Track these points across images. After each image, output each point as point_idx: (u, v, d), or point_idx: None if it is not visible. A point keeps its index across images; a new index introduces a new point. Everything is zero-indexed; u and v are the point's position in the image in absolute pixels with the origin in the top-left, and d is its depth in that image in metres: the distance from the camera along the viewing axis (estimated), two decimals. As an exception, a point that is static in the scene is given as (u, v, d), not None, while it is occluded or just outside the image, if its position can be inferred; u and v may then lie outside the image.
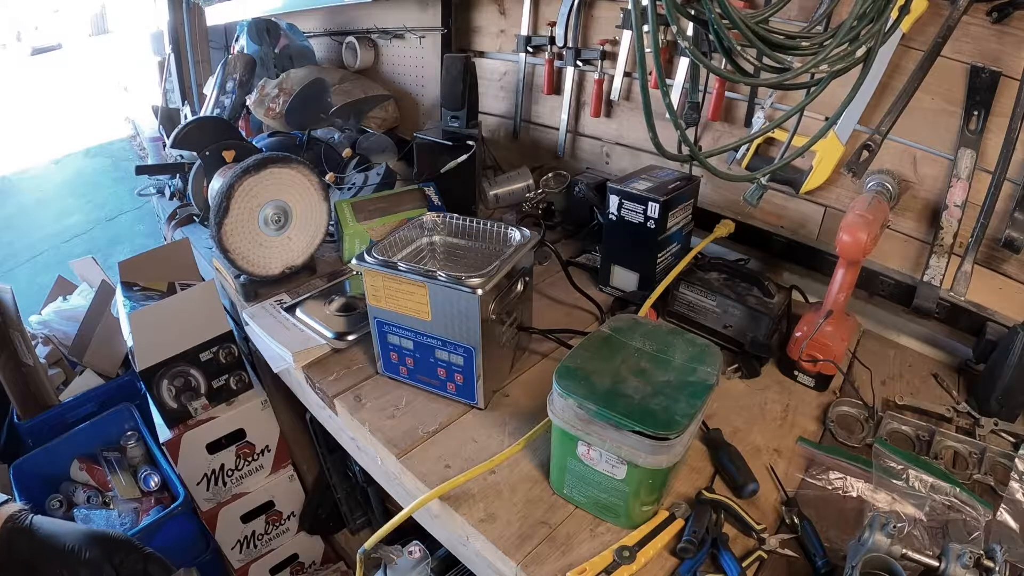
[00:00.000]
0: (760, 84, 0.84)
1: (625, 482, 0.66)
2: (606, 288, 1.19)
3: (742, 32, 0.70)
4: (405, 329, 0.85)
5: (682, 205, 1.10)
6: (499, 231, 0.93)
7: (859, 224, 0.83)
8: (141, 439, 1.50)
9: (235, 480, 1.33)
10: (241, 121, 1.84)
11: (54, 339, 1.74)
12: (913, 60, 0.94)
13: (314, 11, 2.10)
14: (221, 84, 1.79)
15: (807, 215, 1.16)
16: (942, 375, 0.98)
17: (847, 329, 0.96)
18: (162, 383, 1.16)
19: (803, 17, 1.02)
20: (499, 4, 1.58)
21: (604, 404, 0.63)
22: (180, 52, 2.12)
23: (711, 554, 0.67)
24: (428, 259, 0.98)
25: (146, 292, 1.43)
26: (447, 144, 1.35)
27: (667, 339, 0.74)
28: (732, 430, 0.85)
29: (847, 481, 0.76)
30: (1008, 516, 0.71)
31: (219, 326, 1.19)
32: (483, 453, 0.79)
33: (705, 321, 1.05)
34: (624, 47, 1.30)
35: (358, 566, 0.80)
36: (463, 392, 0.87)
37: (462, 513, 0.71)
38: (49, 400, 1.54)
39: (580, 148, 1.53)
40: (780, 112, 1.11)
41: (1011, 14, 0.84)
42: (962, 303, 0.98)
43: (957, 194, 0.94)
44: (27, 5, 7.74)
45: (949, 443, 0.83)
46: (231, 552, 1.40)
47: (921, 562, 0.59)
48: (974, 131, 0.92)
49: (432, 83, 1.80)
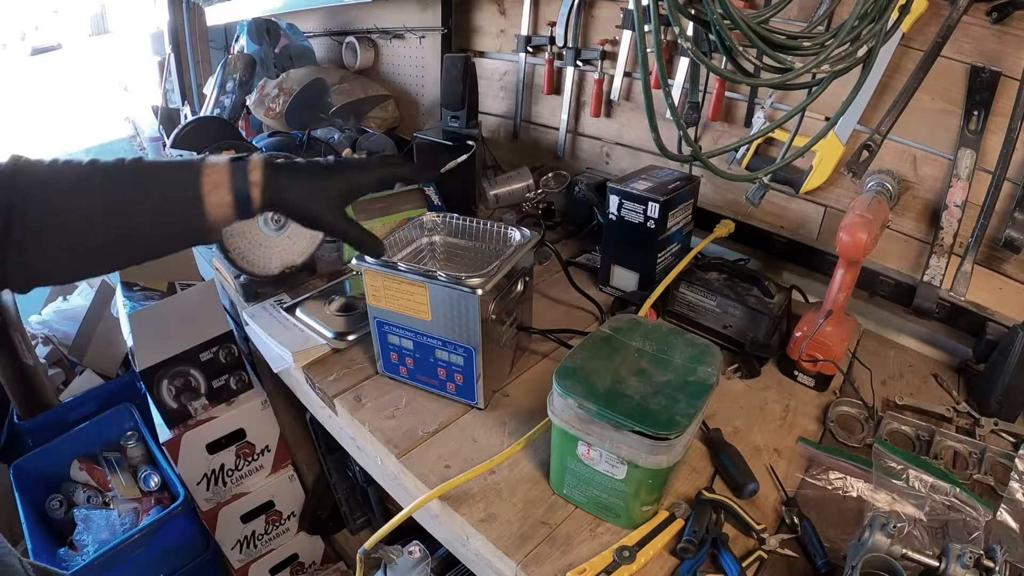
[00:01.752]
0: (761, 84, 0.84)
1: (625, 482, 0.66)
2: (606, 288, 1.19)
3: (743, 32, 0.70)
4: (405, 329, 0.85)
5: (682, 205, 1.10)
6: (499, 231, 0.93)
7: (859, 224, 0.83)
8: (141, 439, 1.50)
9: (235, 480, 1.33)
10: (241, 121, 1.85)
11: (54, 339, 1.74)
12: (913, 60, 0.94)
13: (314, 11, 2.10)
14: (221, 84, 1.79)
15: (807, 215, 1.16)
16: (942, 375, 0.98)
17: (847, 329, 0.96)
18: (162, 383, 1.16)
19: (804, 17, 1.02)
20: (499, 4, 1.58)
21: (604, 404, 0.63)
22: (180, 52, 2.12)
23: (711, 554, 0.67)
24: (428, 259, 0.98)
25: (146, 292, 1.43)
26: (447, 144, 1.35)
27: (667, 339, 0.74)
28: (732, 430, 0.85)
29: (847, 481, 0.76)
30: (1008, 516, 0.71)
31: (219, 326, 1.19)
32: (483, 453, 0.79)
33: (705, 321, 1.05)
34: (624, 47, 1.30)
35: (358, 566, 0.80)
36: (463, 392, 0.87)
37: (462, 513, 0.71)
38: (49, 400, 1.55)
39: (580, 148, 1.53)
40: (780, 112, 1.11)
41: (1011, 14, 0.84)
42: (962, 303, 0.98)
43: (957, 194, 0.94)
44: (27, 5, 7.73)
45: (949, 443, 0.83)
46: (231, 552, 1.40)
47: (921, 562, 0.59)
48: (974, 131, 0.91)
49: (432, 83, 1.80)
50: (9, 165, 0.57)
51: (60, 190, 0.57)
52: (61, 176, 0.58)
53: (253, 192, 0.63)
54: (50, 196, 0.57)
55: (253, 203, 0.63)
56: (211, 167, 0.62)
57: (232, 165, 0.62)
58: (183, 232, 0.63)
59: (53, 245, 0.57)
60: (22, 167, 0.57)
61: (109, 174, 0.60)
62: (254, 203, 0.63)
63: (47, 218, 0.57)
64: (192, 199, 0.61)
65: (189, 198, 0.61)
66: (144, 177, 0.61)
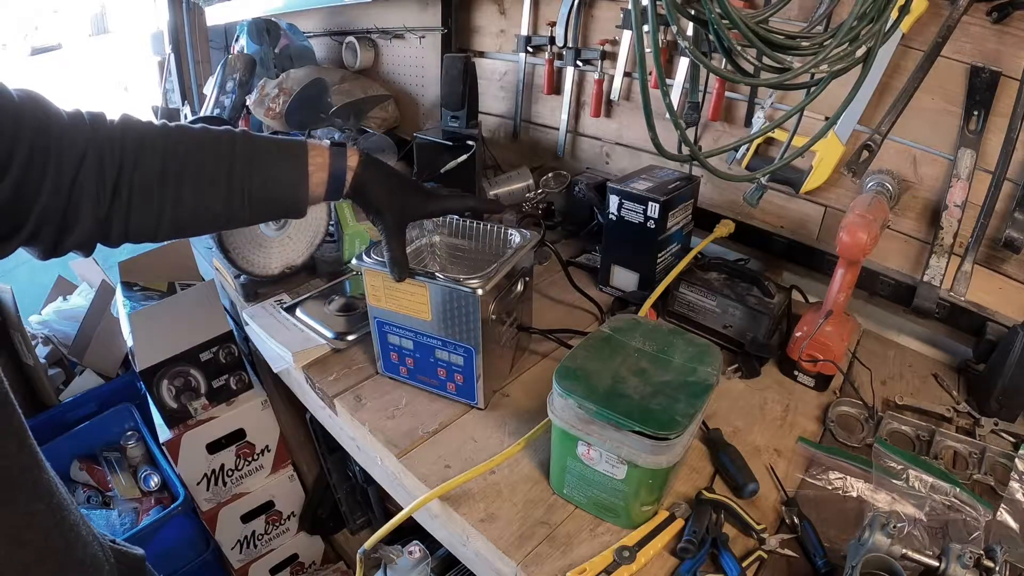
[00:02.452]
0: (760, 84, 0.84)
1: (625, 482, 0.66)
2: (606, 288, 1.19)
3: (742, 32, 0.70)
4: (405, 329, 0.85)
5: (682, 205, 1.10)
6: (499, 232, 0.93)
7: (859, 224, 0.83)
8: (141, 439, 1.50)
9: (235, 480, 1.33)
10: (241, 121, 1.84)
11: (54, 339, 1.74)
12: (913, 60, 0.94)
13: (314, 11, 2.10)
14: (221, 84, 1.79)
15: (807, 215, 1.16)
16: (942, 375, 0.98)
17: (847, 329, 0.96)
18: (162, 383, 1.16)
19: (803, 17, 1.02)
20: (499, 4, 1.58)
21: (604, 404, 0.63)
22: (180, 52, 2.12)
23: (711, 554, 0.67)
24: (428, 259, 0.98)
25: (146, 292, 1.43)
26: (447, 144, 1.35)
27: (667, 339, 0.74)
28: (732, 430, 0.85)
29: (847, 481, 0.76)
30: (1008, 516, 0.71)
31: (219, 326, 1.19)
32: (483, 453, 0.79)
33: (705, 321, 1.05)
34: (624, 47, 1.30)
35: (358, 566, 0.80)
36: (463, 392, 0.87)
37: (462, 513, 0.71)
38: (49, 400, 1.55)
39: (580, 148, 1.53)
40: (780, 112, 1.11)
41: (1011, 14, 0.84)
42: (962, 303, 0.98)
43: (957, 194, 0.94)
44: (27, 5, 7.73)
45: (949, 443, 0.83)
46: (231, 552, 1.40)
47: (921, 562, 0.59)
48: (974, 131, 0.91)
49: (432, 83, 1.80)
50: (119, 125, 0.59)
51: (168, 152, 0.60)
52: (171, 139, 0.61)
53: (348, 176, 0.69)
54: (159, 158, 0.59)
55: (345, 186, 0.69)
56: (316, 148, 0.68)
57: (334, 149, 0.68)
58: (284, 205, 0.68)
59: (156, 205, 0.60)
60: (132, 127, 0.59)
61: (221, 144, 0.63)
62: (346, 186, 0.69)
63: (154, 180, 0.59)
64: (299, 175, 0.67)
65: (296, 174, 0.67)
66: (256, 150, 0.65)
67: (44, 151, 0.52)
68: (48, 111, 0.54)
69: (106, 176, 0.56)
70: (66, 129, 0.54)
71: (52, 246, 0.57)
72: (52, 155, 0.53)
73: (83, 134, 0.55)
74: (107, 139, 0.57)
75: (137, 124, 0.60)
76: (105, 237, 0.60)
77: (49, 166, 0.53)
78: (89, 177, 0.55)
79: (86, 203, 0.56)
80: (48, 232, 0.56)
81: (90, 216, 0.57)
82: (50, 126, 0.53)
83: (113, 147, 0.57)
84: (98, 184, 0.56)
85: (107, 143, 0.57)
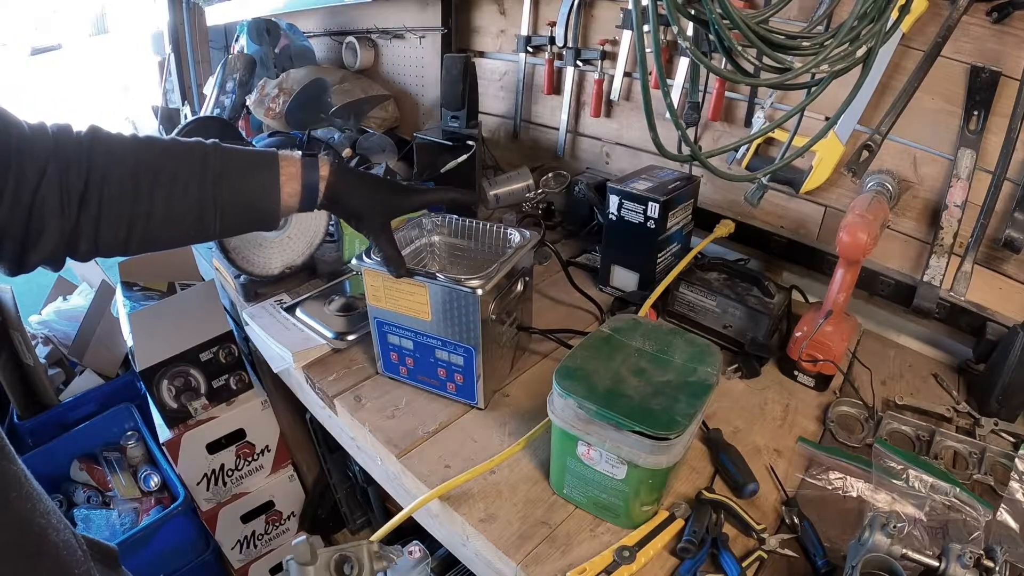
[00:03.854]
0: (760, 84, 0.84)
1: (625, 482, 0.66)
2: (606, 288, 1.19)
3: (743, 32, 0.70)
4: (405, 329, 0.85)
5: (682, 205, 1.10)
6: (499, 231, 0.93)
7: (859, 224, 0.83)
8: (141, 439, 1.50)
9: (235, 480, 1.33)
10: (241, 121, 1.85)
11: (54, 339, 1.74)
12: (913, 60, 0.94)
13: (314, 11, 2.10)
14: (221, 84, 1.79)
15: (807, 215, 1.16)
16: (942, 375, 0.98)
17: (847, 329, 0.96)
18: (162, 383, 1.16)
19: (803, 17, 1.02)
20: (499, 4, 1.58)
21: (604, 404, 0.63)
22: (180, 52, 2.12)
23: (711, 554, 0.67)
24: (428, 259, 0.98)
25: (146, 292, 1.43)
26: (447, 144, 1.35)
27: (667, 339, 0.74)
28: (732, 430, 0.85)
29: (847, 481, 0.76)
30: (1008, 516, 0.71)
31: (219, 326, 1.19)
32: (483, 453, 0.79)
33: (705, 321, 1.05)
34: (624, 47, 1.30)
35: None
36: (463, 392, 0.87)
37: (462, 513, 0.71)
38: (49, 400, 1.54)
39: (580, 148, 1.53)
40: (780, 112, 1.11)
41: (1011, 14, 0.84)
42: (962, 303, 0.98)
43: (957, 194, 0.94)
44: (27, 5, 7.73)
45: (949, 443, 0.83)
46: (231, 552, 1.39)
47: (921, 562, 0.59)
48: (974, 131, 0.91)
49: (432, 83, 1.80)
50: (87, 137, 0.58)
51: (140, 164, 0.59)
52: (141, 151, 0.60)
53: (320, 186, 0.69)
54: (128, 170, 0.59)
55: (319, 196, 0.69)
56: (287, 159, 0.67)
57: (305, 159, 0.68)
58: (256, 216, 0.68)
59: (126, 218, 0.59)
60: (100, 139, 0.58)
61: (192, 155, 0.63)
62: (320, 196, 0.69)
63: (124, 192, 0.58)
64: (269, 187, 0.66)
65: (267, 185, 0.66)
66: (226, 161, 0.64)
67: (3, 163, 0.51)
68: (7, 122, 0.53)
69: (71, 188, 0.55)
70: (26, 140, 0.53)
71: (17, 261, 0.56)
72: (12, 166, 0.52)
73: (45, 145, 0.54)
74: (74, 151, 0.56)
75: (106, 136, 0.59)
76: (73, 251, 0.59)
77: (8, 178, 0.51)
78: (52, 189, 0.54)
79: (50, 216, 0.54)
80: (10, 247, 0.54)
81: (55, 229, 0.55)
82: (9, 137, 0.52)
83: (80, 158, 0.56)
84: (63, 196, 0.55)
85: (73, 155, 0.55)
